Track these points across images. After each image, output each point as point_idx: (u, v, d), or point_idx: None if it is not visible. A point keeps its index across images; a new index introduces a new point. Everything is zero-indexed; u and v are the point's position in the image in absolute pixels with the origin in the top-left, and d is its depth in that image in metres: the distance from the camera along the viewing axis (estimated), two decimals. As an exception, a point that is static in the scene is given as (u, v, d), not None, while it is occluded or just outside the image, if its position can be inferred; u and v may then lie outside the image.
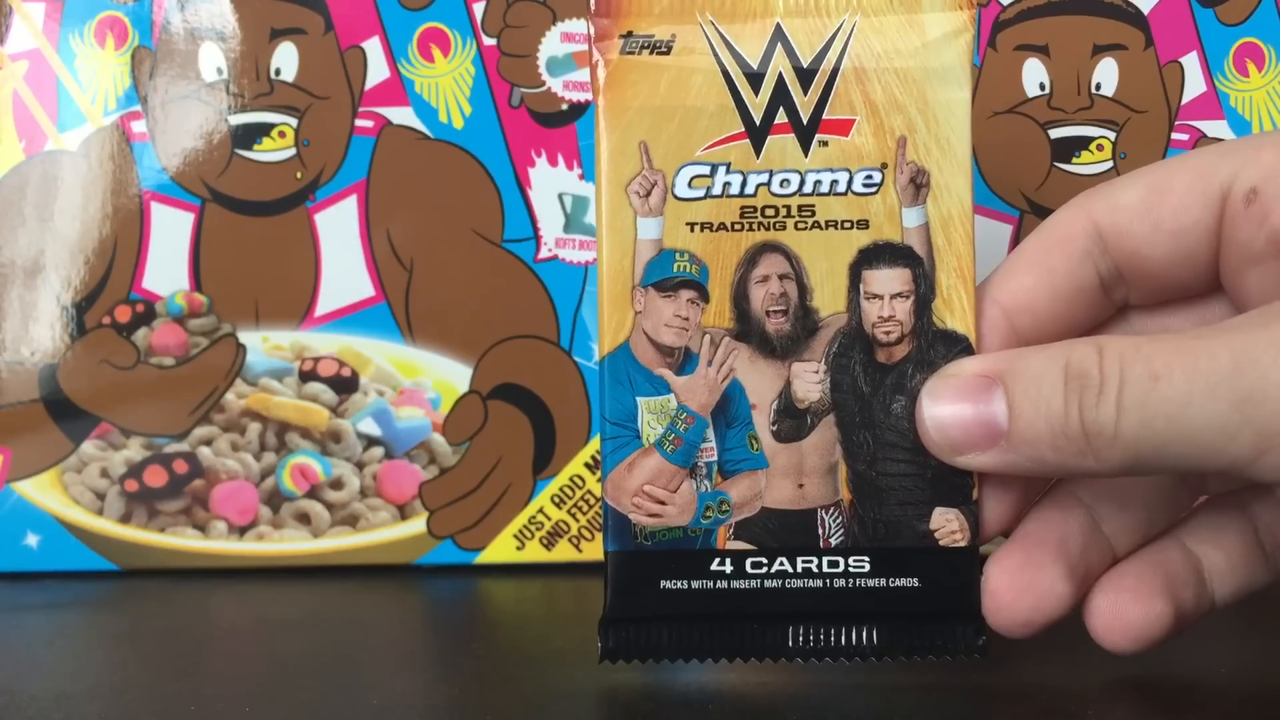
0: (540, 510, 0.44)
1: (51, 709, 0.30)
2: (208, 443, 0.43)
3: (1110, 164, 0.44)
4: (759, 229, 0.29)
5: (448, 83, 0.44)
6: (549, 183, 0.44)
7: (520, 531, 0.44)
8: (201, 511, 0.43)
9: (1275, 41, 0.45)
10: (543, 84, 0.44)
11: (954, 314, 0.29)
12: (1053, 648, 0.32)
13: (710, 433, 0.29)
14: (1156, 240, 0.29)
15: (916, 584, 0.29)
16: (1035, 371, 0.26)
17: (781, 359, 0.29)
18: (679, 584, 0.29)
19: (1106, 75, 0.45)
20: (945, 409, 0.28)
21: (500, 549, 0.44)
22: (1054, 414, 0.26)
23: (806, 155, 0.29)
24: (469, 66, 0.44)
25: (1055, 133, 0.45)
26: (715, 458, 0.29)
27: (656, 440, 0.29)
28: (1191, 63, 0.45)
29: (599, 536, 0.44)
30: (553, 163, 0.44)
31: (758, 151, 0.29)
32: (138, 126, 0.43)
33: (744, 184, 0.29)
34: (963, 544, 0.29)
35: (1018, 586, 0.28)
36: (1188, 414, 0.25)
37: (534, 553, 0.44)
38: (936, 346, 0.29)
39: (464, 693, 0.32)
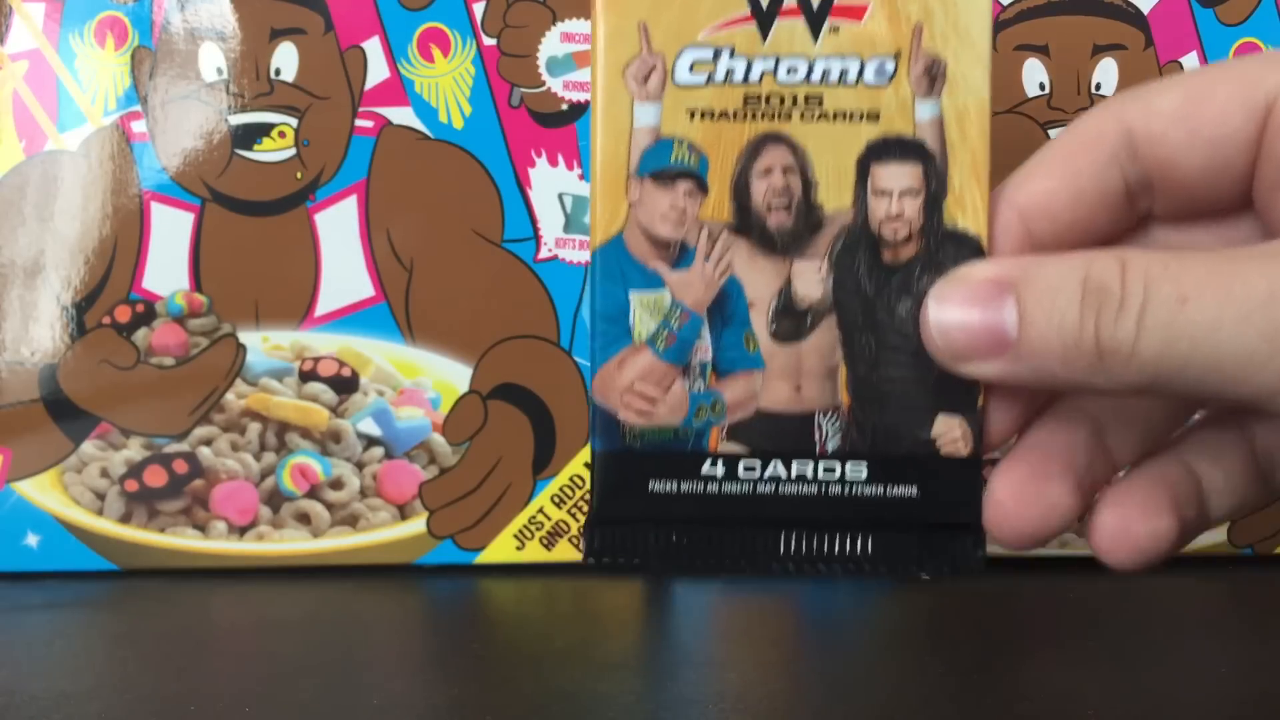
0: (540, 510, 0.44)
1: (51, 709, 0.30)
2: (208, 443, 0.43)
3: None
4: (763, 119, 0.28)
5: (448, 83, 0.44)
6: (549, 183, 0.44)
7: (520, 531, 0.44)
8: (201, 511, 0.43)
9: (1275, 41, 0.45)
10: (543, 84, 0.44)
11: (966, 214, 0.28)
12: (1052, 649, 0.32)
13: (705, 330, 0.28)
14: (1192, 148, 0.27)
15: (915, 493, 0.28)
16: (1051, 281, 0.25)
17: (782, 256, 0.28)
18: (668, 486, 0.28)
19: (1106, 75, 0.45)
20: (952, 313, 0.26)
21: (500, 549, 0.44)
22: (1068, 327, 0.25)
23: (816, 41, 0.28)
24: (469, 66, 0.44)
25: (1055, 133, 0.45)
26: (709, 357, 0.28)
27: (649, 337, 0.28)
28: (1191, 63, 0.45)
29: (599, 536, 0.44)
30: (553, 163, 0.44)
31: (764, 35, 0.28)
32: (138, 126, 0.43)
33: (748, 70, 0.28)
34: (965, 453, 0.28)
35: (1025, 498, 0.27)
36: (1214, 340, 0.24)
37: (534, 553, 0.44)
38: (946, 248, 0.28)
39: (464, 693, 0.32)
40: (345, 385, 0.44)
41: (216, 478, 0.43)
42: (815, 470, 0.28)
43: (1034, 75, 0.45)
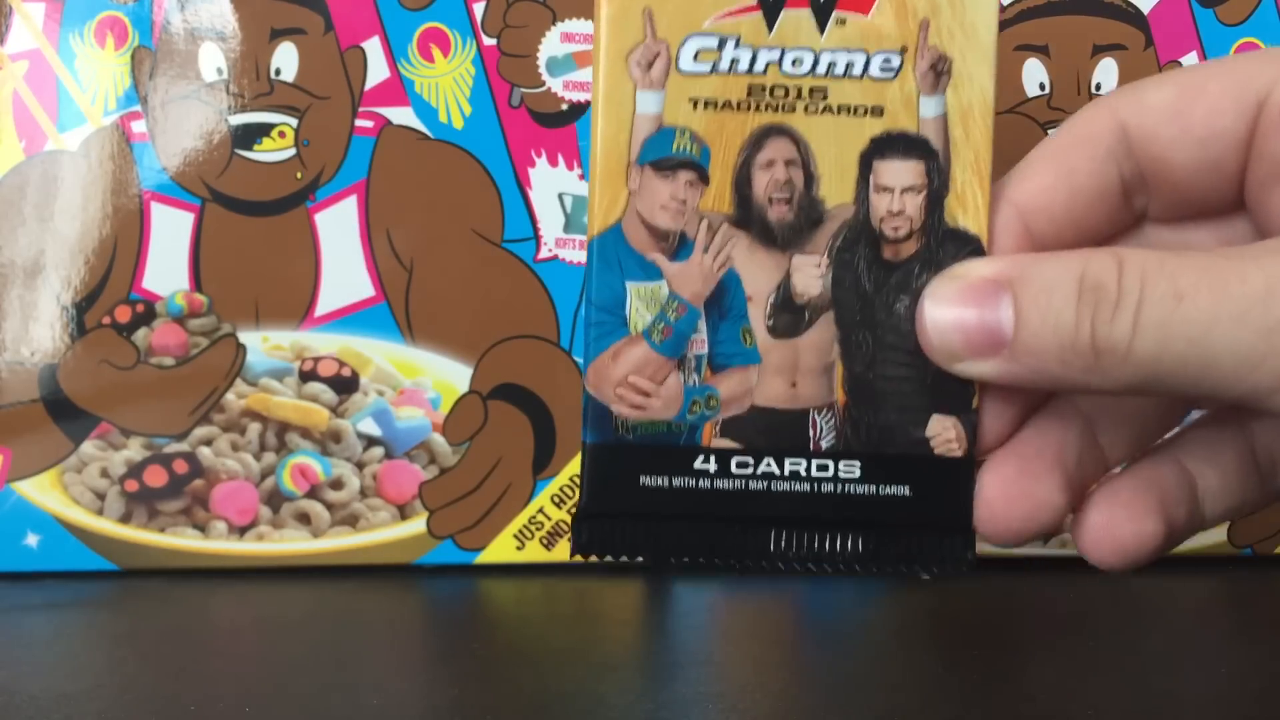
0: (540, 510, 0.44)
1: (51, 709, 0.30)
2: (208, 443, 0.43)
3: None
4: (766, 110, 0.27)
5: (448, 83, 0.44)
6: (549, 183, 0.44)
7: (520, 531, 0.44)
8: (201, 511, 0.43)
9: (1275, 41, 0.45)
10: (543, 84, 0.44)
11: (967, 212, 0.28)
12: (1053, 649, 0.32)
13: (702, 324, 0.28)
14: (1184, 145, 0.27)
15: (908, 492, 0.28)
16: (1048, 279, 0.25)
17: (782, 250, 0.28)
18: (659, 480, 0.28)
19: (1106, 75, 0.45)
20: (947, 312, 0.26)
21: (500, 549, 0.44)
22: (1064, 326, 0.25)
23: (822, 33, 0.27)
24: (469, 66, 0.44)
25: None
26: (705, 350, 0.28)
27: (645, 328, 0.28)
28: (1191, 63, 0.45)
29: (599, 536, 0.44)
30: (553, 163, 0.44)
31: (770, 26, 0.27)
32: (138, 126, 0.43)
33: (753, 60, 0.27)
34: (959, 454, 0.28)
35: (1012, 495, 0.27)
36: (1211, 338, 0.24)
37: (534, 553, 0.44)
38: (946, 246, 0.27)
39: (464, 693, 0.32)
40: (345, 385, 0.44)
41: (216, 478, 0.43)
42: (809, 468, 0.28)
43: (1034, 75, 0.45)
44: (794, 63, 0.27)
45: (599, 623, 0.39)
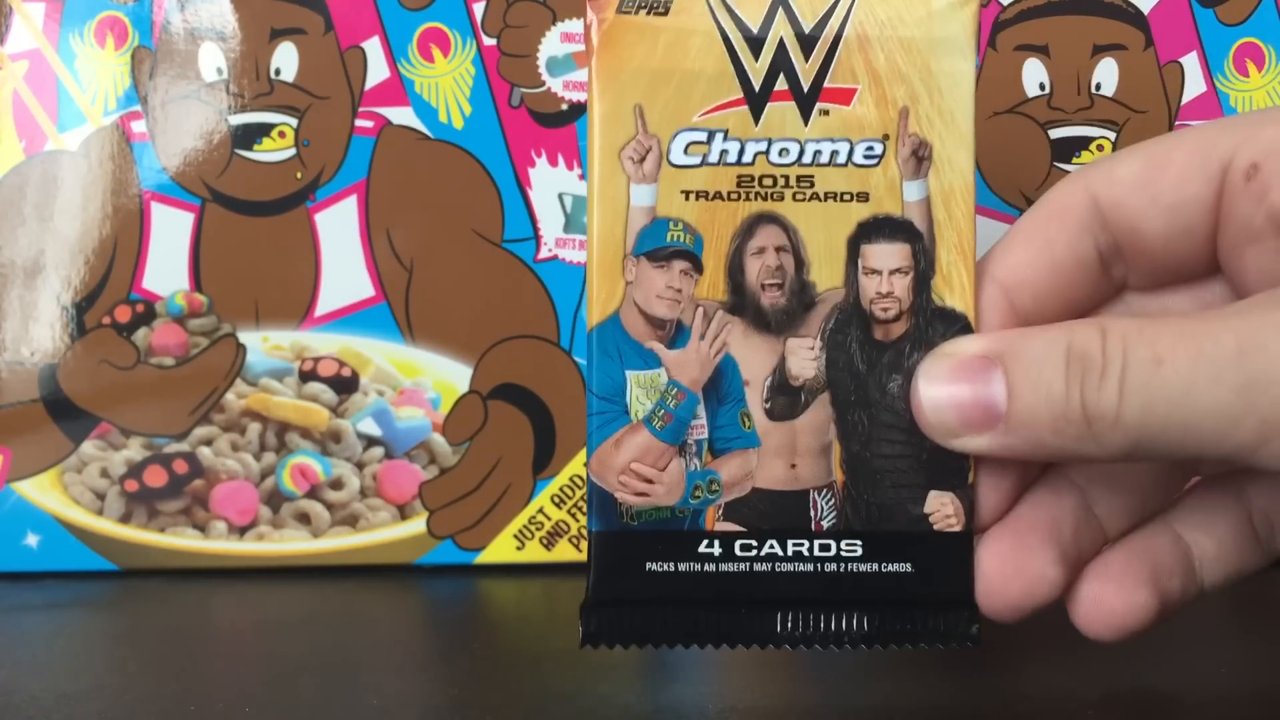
0: (540, 510, 0.44)
1: (51, 709, 0.30)
2: (208, 443, 0.43)
3: (1098, 159, 0.44)
4: (756, 199, 0.28)
5: (448, 83, 0.44)
6: (549, 183, 0.44)
7: (520, 531, 0.44)
8: (201, 511, 0.43)
9: (1275, 41, 0.45)
10: (543, 84, 0.44)
11: (953, 291, 0.28)
12: (1052, 648, 0.32)
13: (701, 409, 0.28)
14: (1154, 214, 0.28)
15: (910, 569, 0.28)
16: (1036, 352, 0.26)
17: (776, 334, 0.28)
18: (665, 566, 0.28)
19: (1106, 75, 0.45)
20: (941, 390, 0.27)
21: (500, 549, 0.44)
22: (1055, 396, 0.25)
23: (806, 124, 0.28)
24: (469, 66, 0.44)
25: (1055, 133, 0.45)
26: (706, 435, 0.28)
27: (645, 416, 0.28)
28: (1191, 63, 0.45)
29: (599, 536, 0.44)
30: (553, 163, 0.44)
31: (756, 119, 0.28)
32: (138, 126, 0.43)
33: (741, 152, 0.28)
34: (957, 529, 0.28)
35: (1008, 570, 0.28)
36: (1191, 399, 0.24)
37: (534, 553, 0.44)
38: (935, 324, 0.28)
39: (464, 693, 0.32)
40: (345, 385, 0.44)
41: (216, 478, 0.43)
42: (811, 548, 0.28)
43: (1034, 75, 0.45)
44: (781, 152, 0.28)
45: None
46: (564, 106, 0.44)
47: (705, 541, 0.28)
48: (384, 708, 0.30)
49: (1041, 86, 0.45)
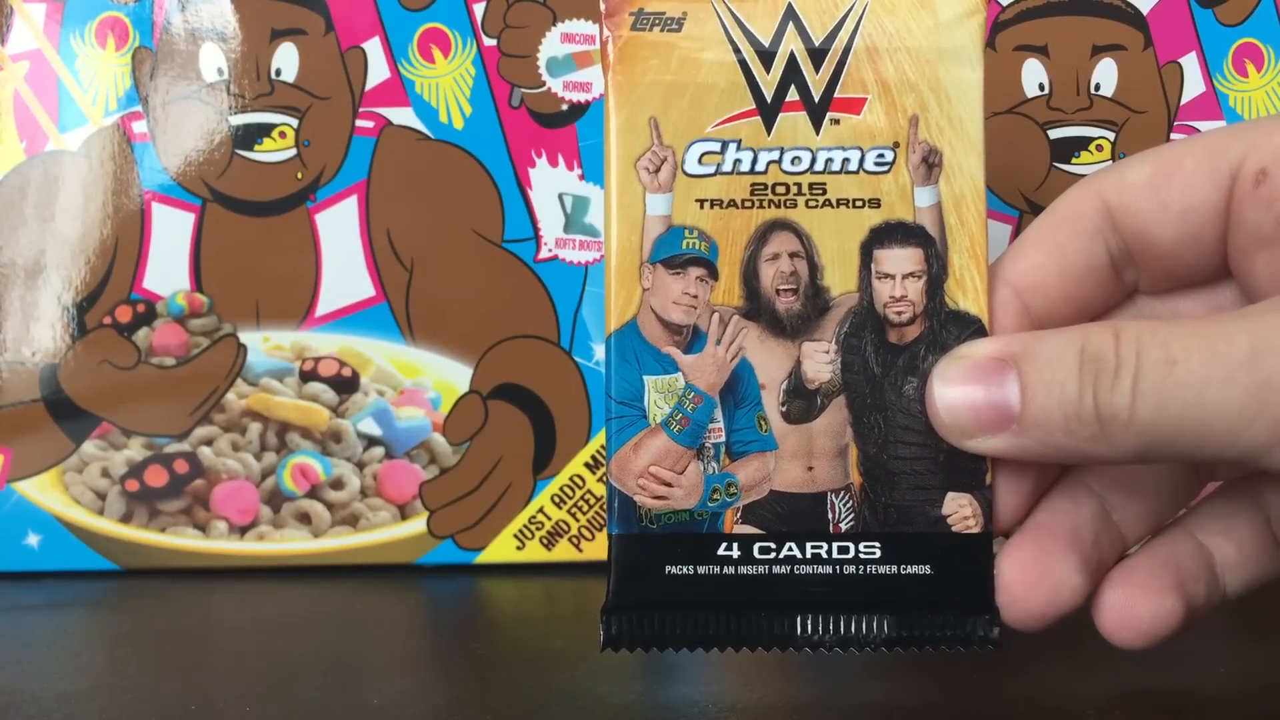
0: (540, 510, 0.44)
1: (51, 709, 0.30)
2: (208, 443, 0.43)
3: (1109, 165, 0.44)
4: (769, 206, 0.29)
5: (448, 83, 0.44)
6: (549, 183, 0.44)
7: (520, 531, 0.44)
8: (202, 511, 0.43)
9: (1274, 42, 0.45)
10: (543, 84, 0.44)
11: (966, 294, 0.29)
12: (1054, 649, 0.32)
13: (718, 413, 0.29)
14: (1164, 219, 0.28)
15: (929, 571, 0.28)
16: (1050, 354, 0.26)
17: (791, 338, 0.29)
18: (685, 569, 0.28)
19: (1106, 75, 0.45)
20: (956, 391, 0.27)
21: (500, 549, 0.44)
22: (1068, 398, 0.26)
23: (818, 133, 0.29)
24: (469, 67, 0.44)
25: (1055, 133, 0.45)
26: (723, 439, 0.29)
27: (663, 420, 0.28)
28: (1190, 63, 0.45)
29: (599, 536, 0.44)
30: (553, 163, 0.44)
31: (769, 129, 0.29)
32: (138, 127, 0.43)
33: (755, 161, 0.29)
34: (976, 530, 0.28)
35: (1031, 579, 0.28)
36: (1204, 400, 0.24)
37: (534, 553, 0.44)
38: (949, 327, 0.28)
39: (464, 693, 0.32)
40: (345, 385, 0.44)
41: (217, 477, 0.43)
42: (830, 550, 0.28)
43: (1034, 75, 0.45)
44: (793, 161, 0.29)
45: (599, 623, 0.39)
46: (564, 107, 0.44)
47: (724, 544, 0.28)
48: (384, 707, 0.30)
49: (1041, 87, 0.45)
